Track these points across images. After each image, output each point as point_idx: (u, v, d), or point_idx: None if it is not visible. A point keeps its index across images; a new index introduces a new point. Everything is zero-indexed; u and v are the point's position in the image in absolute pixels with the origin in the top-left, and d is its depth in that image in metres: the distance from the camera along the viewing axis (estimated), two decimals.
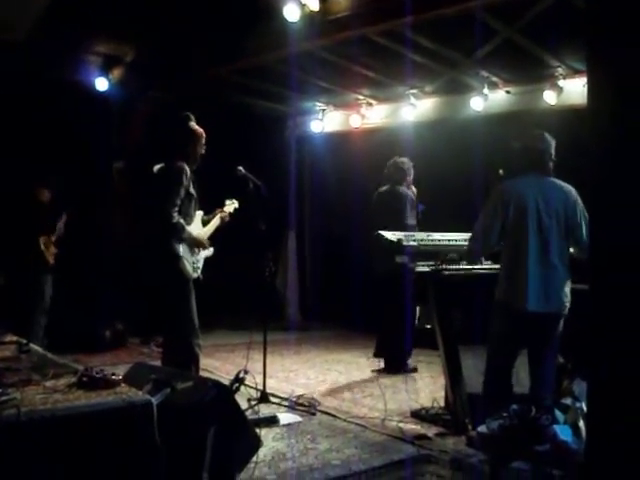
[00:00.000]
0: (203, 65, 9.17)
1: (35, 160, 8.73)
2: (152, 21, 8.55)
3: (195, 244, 5.96)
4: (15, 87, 8.74)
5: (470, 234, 5.38)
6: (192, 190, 5.86)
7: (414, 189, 8.18)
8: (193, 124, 6.04)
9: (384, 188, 8.12)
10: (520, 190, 5.10)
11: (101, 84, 9.74)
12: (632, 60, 2.54)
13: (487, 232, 5.11)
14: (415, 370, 8.02)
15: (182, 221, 5.77)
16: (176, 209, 5.72)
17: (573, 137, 4.84)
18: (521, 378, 5.32)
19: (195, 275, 5.89)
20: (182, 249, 5.77)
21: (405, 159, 8.18)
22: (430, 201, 8.12)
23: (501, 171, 5.85)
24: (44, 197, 7.97)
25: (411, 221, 7.76)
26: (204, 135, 6.05)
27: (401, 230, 6.53)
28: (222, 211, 6.34)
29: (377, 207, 8.08)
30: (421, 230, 7.31)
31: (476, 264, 5.66)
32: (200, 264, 6.01)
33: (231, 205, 6.43)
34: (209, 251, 6.12)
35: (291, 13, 7.21)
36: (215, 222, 6.26)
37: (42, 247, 7.69)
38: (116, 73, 9.91)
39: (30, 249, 7.63)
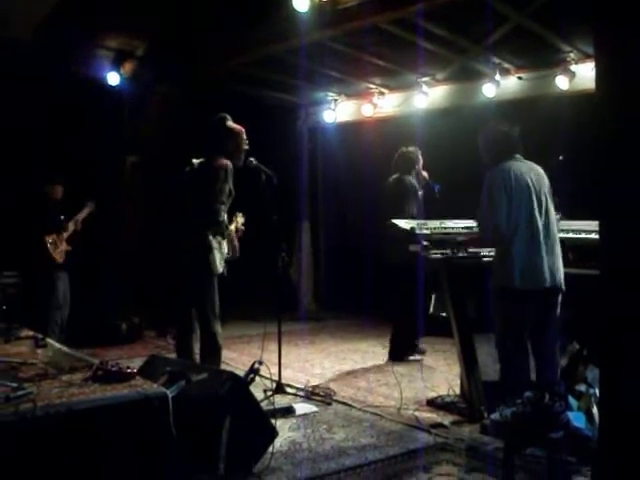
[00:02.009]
0: (214, 57, 9.17)
1: (47, 155, 8.77)
2: (162, 15, 8.56)
3: (231, 243, 6.03)
4: (27, 83, 8.76)
5: (477, 223, 5.49)
6: (232, 187, 5.90)
7: (425, 174, 8.20)
8: (231, 123, 6.11)
9: (392, 177, 8.14)
10: (516, 172, 5.30)
11: (113, 79, 9.75)
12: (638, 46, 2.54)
13: (496, 219, 5.16)
14: (424, 352, 8.11)
15: (226, 220, 5.88)
16: (224, 207, 5.82)
17: (586, 121, 4.83)
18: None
19: (221, 270, 5.91)
20: (215, 243, 5.81)
21: (412, 148, 8.19)
22: (442, 188, 8.12)
23: (561, 157, 6.06)
24: (57, 194, 8.01)
25: (412, 211, 7.74)
26: (243, 131, 6.13)
27: (403, 219, 6.55)
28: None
29: (383, 197, 8.11)
30: (436, 213, 7.35)
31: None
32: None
33: (239, 217, 6.44)
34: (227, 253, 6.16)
35: (301, 3, 7.19)
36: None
37: (48, 246, 7.71)
38: (127, 67, 9.92)
39: (36, 248, 7.66)
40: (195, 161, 6.12)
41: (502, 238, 5.22)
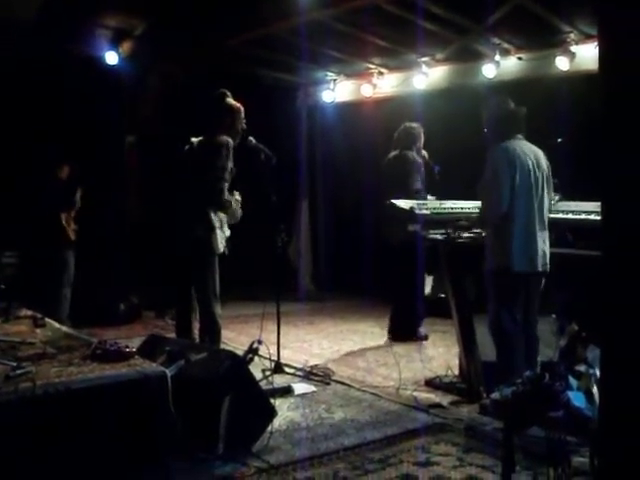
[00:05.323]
0: (213, 36, 9.12)
1: (46, 135, 8.74)
2: None
3: (233, 218, 6.02)
4: (26, 63, 8.73)
5: (480, 202, 5.50)
6: (232, 165, 5.90)
7: (424, 153, 8.17)
8: (230, 100, 6.12)
9: (393, 153, 8.11)
10: (519, 153, 5.34)
11: (111, 58, 9.70)
12: None
13: (499, 197, 5.19)
14: (426, 338, 8.08)
15: (230, 197, 5.90)
16: (227, 185, 5.84)
17: (586, 103, 4.83)
18: None
19: (222, 249, 5.91)
20: (216, 222, 5.81)
21: (415, 124, 8.17)
22: (442, 169, 8.10)
23: (560, 139, 6.08)
24: (64, 173, 8.08)
25: (417, 185, 7.73)
26: (242, 110, 6.13)
27: (407, 194, 6.58)
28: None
29: (385, 172, 8.07)
30: (435, 194, 7.40)
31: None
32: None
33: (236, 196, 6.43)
34: (229, 231, 6.14)
35: None
36: None
37: (64, 223, 7.80)
38: (126, 47, 9.85)
39: (53, 226, 7.75)
40: (194, 140, 6.11)
41: (503, 217, 5.23)
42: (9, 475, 3.25)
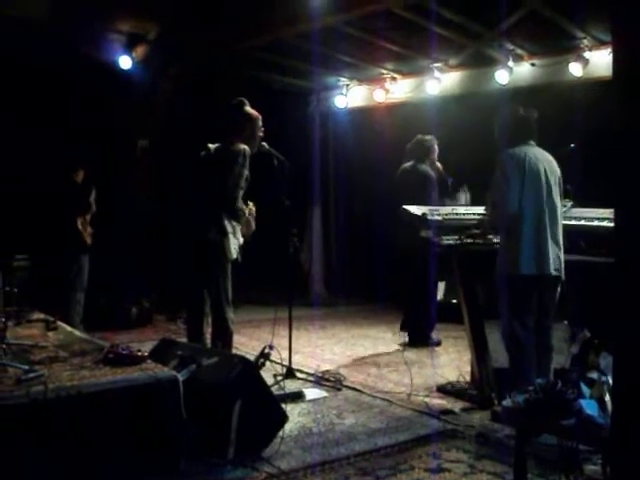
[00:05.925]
0: (225, 41, 9.14)
1: (61, 139, 8.78)
2: None
3: (246, 228, 6.02)
4: (39, 66, 8.76)
5: (488, 206, 5.50)
6: (248, 173, 5.90)
7: (439, 165, 8.15)
8: (249, 108, 6.10)
9: (406, 165, 8.08)
10: (530, 158, 5.31)
11: (124, 62, 9.73)
12: None
13: (506, 200, 5.19)
14: (439, 344, 8.06)
15: (243, 206, 5.87)
16: (242, 193, 5.82)
17: (599, 109, 4.82)
18: None
19: (235, 256, 5.90)
20: (230, 228, 5.81)
21: (429, 136, 8.14)
22: (455, 175, 8.10)
23: (572, 145, 6.06)
24: (79, 177, 8.13)
25: (431, 198, 7.70)
26: (260, 117, 6.12)
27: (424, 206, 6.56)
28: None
29: (399, 184, 8.04)
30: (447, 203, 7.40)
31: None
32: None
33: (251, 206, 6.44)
34: (242, 239, 6.13)
35: None
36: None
37: (80, 227, 7.85)
38: (139, 51, 9.89)
39: (69, 230, 7.79)
40: (211, 146, 6.11)
41: (512, 219, 5.21)
42: (19, 478, 3.26)
